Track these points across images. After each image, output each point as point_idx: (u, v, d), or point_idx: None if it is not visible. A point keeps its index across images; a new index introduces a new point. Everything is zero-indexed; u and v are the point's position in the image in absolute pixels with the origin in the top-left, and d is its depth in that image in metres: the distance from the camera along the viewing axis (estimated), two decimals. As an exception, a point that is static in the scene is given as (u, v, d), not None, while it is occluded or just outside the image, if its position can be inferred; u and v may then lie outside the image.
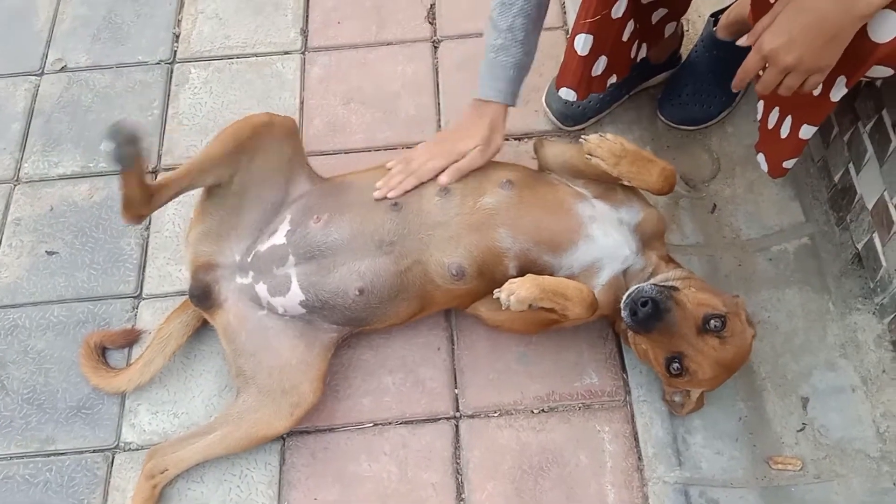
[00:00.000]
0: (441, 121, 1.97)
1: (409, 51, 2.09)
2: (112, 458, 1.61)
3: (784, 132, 1.53)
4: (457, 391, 1.64)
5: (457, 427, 1.61)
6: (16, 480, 1.59)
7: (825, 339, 1.64)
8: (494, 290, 1.44)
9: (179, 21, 2.19)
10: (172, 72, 2.10)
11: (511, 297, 1.40)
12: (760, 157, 1.68)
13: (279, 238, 1.56)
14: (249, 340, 1.55)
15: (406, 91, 2.02)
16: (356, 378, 1.66)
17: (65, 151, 1.98)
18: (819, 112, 1.43)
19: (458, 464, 1.57)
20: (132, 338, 1.72)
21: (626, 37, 1.67)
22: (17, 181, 1.94)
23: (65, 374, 1.69)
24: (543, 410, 1.61)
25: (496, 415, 1.61)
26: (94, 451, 1.62)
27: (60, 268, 1.82)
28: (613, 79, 1.77)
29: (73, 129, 2.01)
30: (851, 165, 1.67)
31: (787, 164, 1.61)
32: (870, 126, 1.59)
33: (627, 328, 1.46)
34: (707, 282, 1.52)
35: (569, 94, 1.75)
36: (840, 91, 1.34)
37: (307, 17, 2.17)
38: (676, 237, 1.76)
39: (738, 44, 1.35)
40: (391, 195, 1.54)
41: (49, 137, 2.00)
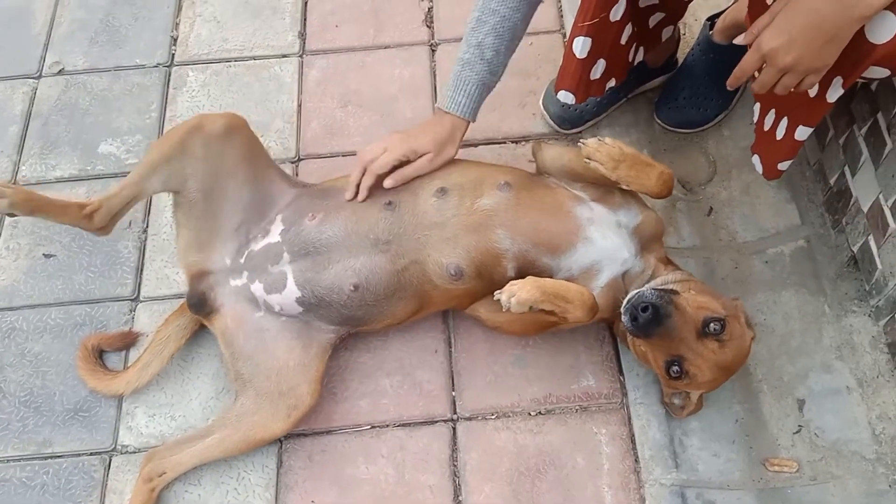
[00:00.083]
0: (438, 124, 1.98)
1: (407, 54, 2.10)
2: (109, 461, 1.61)
3: (780, 133, 1.53)
4: (454, 393, 1.64)
5: (454, 429, 1.61)
6: (13, 483, 1.59)
7: (821, 342, 1.65)
8: (495, 292, 1.44)
9: (177, 24, 2.19)
10: (170, 75, 2.10)
11: (512, 299, 1.40)
12: (755, 159, 1.68)
13: (274, 237, 1.57)
14: (247, 343, 1.55)
15: (403, 94, 2.03)
16: (353, 380, 1.66)
17: (62, 154, 1.98)
18: (815, 113, 1.44)
19: (456, 466, 1.57)
20: (129, 340, 1.72)
21: (624, 40, 1.68)
22: (15, 184, 1.93)
23: (62, 377, 1.69)
24: (540, 413, 1.61)
25: (493, 417, 1.62)
26: (92, 454, 1.61)
27: (58, 270, 1.82)
28: (612, 82, 1.78)
29: (71, 132, 2.01)
30: (847, 168, 1.68)
31: (782, 166, 1.62)
32: (865, 129, 1.60)
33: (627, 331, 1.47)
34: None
35: (567, 97, 1.75)
36: (836, 92, 1.34)
37: (305, 21, 2.18)
38: (673, 240, 1.77)
39: (736, 42, 1.35)
40: (359, 199, 1.56)
41: (46, 140, 2.00)
